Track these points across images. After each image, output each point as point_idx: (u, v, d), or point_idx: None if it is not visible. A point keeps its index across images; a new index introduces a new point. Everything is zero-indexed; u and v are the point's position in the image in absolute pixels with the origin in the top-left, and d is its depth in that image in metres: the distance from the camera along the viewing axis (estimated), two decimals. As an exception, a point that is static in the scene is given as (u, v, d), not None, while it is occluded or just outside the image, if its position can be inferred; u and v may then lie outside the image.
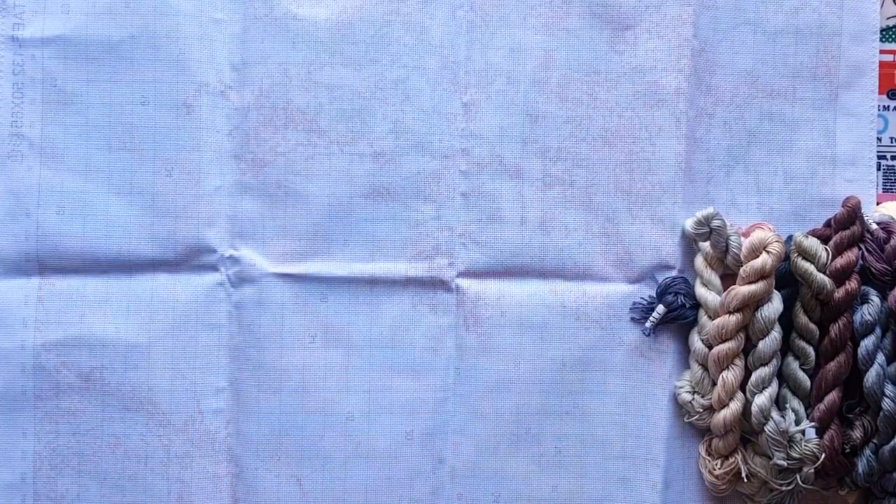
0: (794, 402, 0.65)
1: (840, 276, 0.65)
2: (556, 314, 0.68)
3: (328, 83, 0.67)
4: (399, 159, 0.68)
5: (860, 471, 0.65)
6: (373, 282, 0.67)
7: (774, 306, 0.64)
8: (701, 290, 0.66)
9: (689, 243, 0.68)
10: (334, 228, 0.67)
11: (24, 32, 0.66)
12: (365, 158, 0.68)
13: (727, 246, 0.66)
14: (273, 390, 0.67)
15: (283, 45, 0.67)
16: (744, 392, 0.65)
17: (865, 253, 0.66)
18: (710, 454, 0.67)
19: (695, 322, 0.67)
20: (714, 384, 0.66)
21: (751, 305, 0.64)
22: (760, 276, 0.64)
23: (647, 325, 0.67)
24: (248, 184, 0.67)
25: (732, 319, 0.64)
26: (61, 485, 0.66)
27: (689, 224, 0.66)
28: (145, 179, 0.67)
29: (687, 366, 0.68)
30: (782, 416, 0.64)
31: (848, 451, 0.66)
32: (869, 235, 0.67)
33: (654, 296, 0.67)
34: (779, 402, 0.65)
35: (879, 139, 0.70)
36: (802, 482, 0.65)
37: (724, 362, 0.65)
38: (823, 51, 0.69)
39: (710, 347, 0.65)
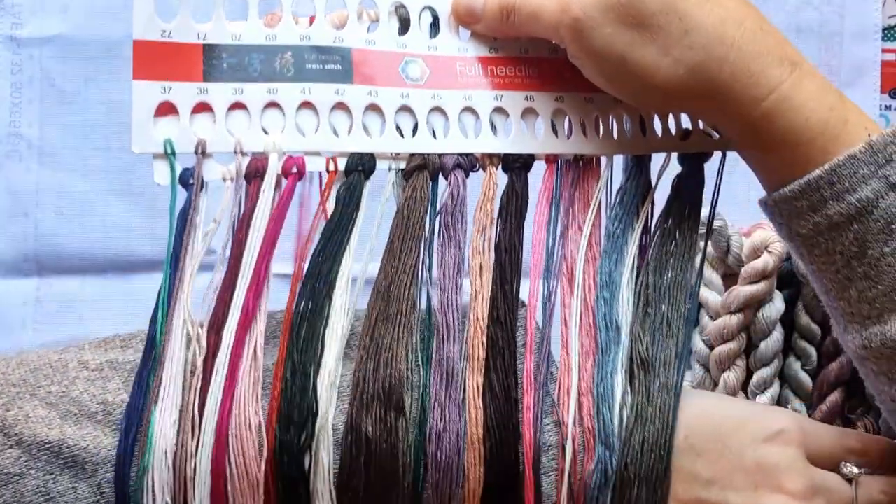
0: (796, 403, 0.65)
1: (842, 277, 0.65)
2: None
3: (328, 83, 0.67)
4: (399, 159, 0.67)
5: (862, 472, 0.65)
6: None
7: (776, 306, 0.64)
8: (702, 291, 0.66)
9: (691, 243, 0.67)
10: (334, 228, 0.67)
11: (23, 32, 0.66)
12: (365, 158, 0.67)
13: (728, 246, 0.65)
14: (272, 391, 0.67)
15: (283, 44, 0.67)
16: (745, 393, 0.65)
17: (867, 253, 0.66)
18: (711, 455, 0.67)
19: (696, 322, 0.67)
20: (715, 385, 0.65)
21: (752, 306, 0.64)
22: (762, 276, 0.63)
23: (648, 325, 0.67)
24: (248, 184, 0.67)
25: (734, 320, 0.64)
26: (60, 486, 0.66)
27: (690, 224, 0.66)
28: (144, 179, 0.66)
29: (688, 366, 0.68)
30: (784, 417, 0.64)
31: (850, 452, 0.65)
32: (871, 235, 0.67)
33: (655, 296, 0.67)
34: (780, 403, 0.65)
35: (881, 139, 0.70)
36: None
37: (726, 363, 0.65)
38: (825, 50, 0.69)
39: (711, 348, 0.65)
